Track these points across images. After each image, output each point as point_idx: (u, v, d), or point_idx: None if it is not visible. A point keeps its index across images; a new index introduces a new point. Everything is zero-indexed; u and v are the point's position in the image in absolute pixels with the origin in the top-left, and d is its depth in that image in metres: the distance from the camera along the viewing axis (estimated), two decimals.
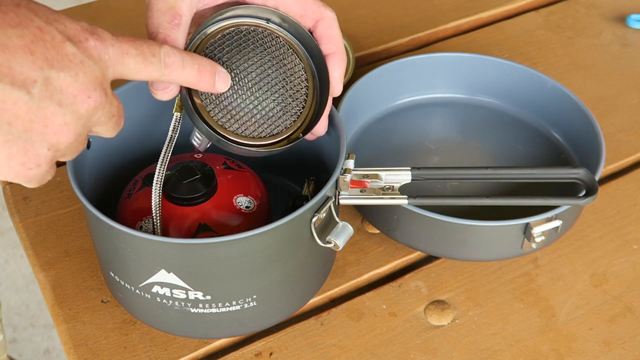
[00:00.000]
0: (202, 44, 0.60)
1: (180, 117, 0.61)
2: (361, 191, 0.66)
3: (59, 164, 0.84)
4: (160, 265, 0.59)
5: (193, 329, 0.65)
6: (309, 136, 0.64)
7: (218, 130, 0.60)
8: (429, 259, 0.76)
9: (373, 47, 1.01)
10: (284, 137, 0.62)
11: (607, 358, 0.68)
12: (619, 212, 0.81)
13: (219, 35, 0.60)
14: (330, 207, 0.62)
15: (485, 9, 1.08)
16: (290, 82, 0.62)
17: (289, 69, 0.62)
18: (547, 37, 1.04)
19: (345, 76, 0.92)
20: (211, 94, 0.59)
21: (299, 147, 0.74)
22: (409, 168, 0.67)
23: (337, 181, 0.63)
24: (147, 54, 0.50)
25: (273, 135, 0.62)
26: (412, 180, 0.67)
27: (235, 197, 0.65)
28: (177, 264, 0.59)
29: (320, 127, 0.64)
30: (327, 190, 0.61)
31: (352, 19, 1.05)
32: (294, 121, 0.63)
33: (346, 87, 0.88)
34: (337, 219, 0.63)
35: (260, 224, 0.59)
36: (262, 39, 0.62)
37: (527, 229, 0.69)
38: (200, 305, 0.62)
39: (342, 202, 0.65)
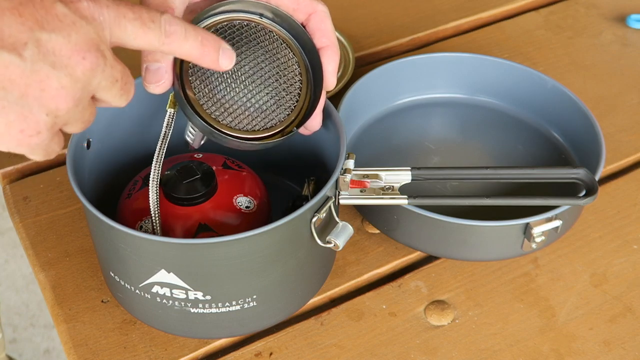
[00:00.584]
0: None
1: (173, 114, 0.61)
2: (361, 191, 0.66)
3: (60, 164, 0.85)
4: (160, 265, 0.59)
5: (193, 329, 0.65)
6: (304, 131, 0.64)
7: (212, 124, 0.60)
8: (429, 259, 0.76)
9: (373, 47, 1.01)
10: (278, 130, 0.62)
11: (607, 358, 0.68)
12: (619, 212, 0.81)
13: (212, 30, 0.60)
14: (330, 207, 0.62)
15: (485, 9, 1.08)
16: (284, 76, 0.62)
17: (282, 63, 0.62)
18: (547, 37, 1.04)
19: (345, 76, 0.93)
20: (204, 87, 0.59)
21: (299, 147, 0.74)
22: (409, 168, 0.67)
23: (337, 181, 0.63)
24: (146, 19, 0.49)
25: (267, 128, 0.62)
26: (412, 180, 0.67)
27: (235, 197, 0.65)
28: (177, 264, 0.59)
29: (315, 122, 0.64)
30: (327, 190, 0.61)
31: (352, 19, 1.05)
32: (288, 115, 0.62)
33: (346, 87, 0.89)
34: (337, 219, 0.63)
35: (260, 224, 0.59)
36: (255, 33, 0.62)
37: (527, 229, 0.69)
38: (200, 305, 0.62)
39: (342, 202, 0.65)
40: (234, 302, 0.62)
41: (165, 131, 0.61)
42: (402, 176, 0.67)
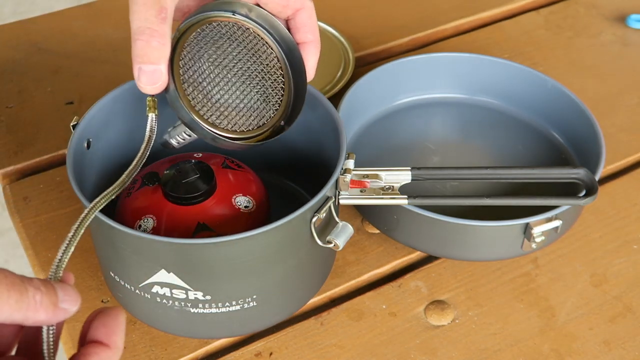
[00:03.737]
0: (180, 43, 0.60)
1: (155, 118, 0.61)
2: (361, 191, 0.66)
3: (60, 164, 0.85)
4: (160, 265, 0.59)
5: (193, 329, 0.65)
6: None
7: (213, 129, 0.60)
8: (429, 259, 0.76)
9: (373, 47, 1.01)
10: (269, 127, 0.63)
11: (607, 358, 0.68)
12: (619, 212, 0.81)
13: (194, 33, 0.60)
14: (330, 207, 0.62)
15: (485, 9, 1.08)
16: (267, 72, 0.62)
17: (264, 59, 0.62)
18: (547, 37, 1.04)
19: (345, 76, 0.93)
20: (198, 94, 0.59)
21: (299, 147, 0.74)
22: (409, 168, 0.67)
23: (337, 181, 0.63)
24: None
25: (260, 127, 0.62)
26: (412, 180, 0.67)
27: (234, 196, 0.65)
28: (177, 264, 0.59)
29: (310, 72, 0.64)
30: (327, 190, 0.61)
31: (352, 19, 1.05)
32: (277, 110, 0.63)
33: (346, 87, 0.89)
34: (337, 219, 0.63)
35: (259, 224, 0.59)
36: (235, 32, 0.62)
37: (527, 229, 0.69)
38: (200, 305, 0.62)
39: (342, 202, 0.65)
40: (234, 302, 0.62)
41: (150, 135, 0.61)
42: (402, 176, 0.67)
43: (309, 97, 0.70)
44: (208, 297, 0.61)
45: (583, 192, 0.67)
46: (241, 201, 0.65)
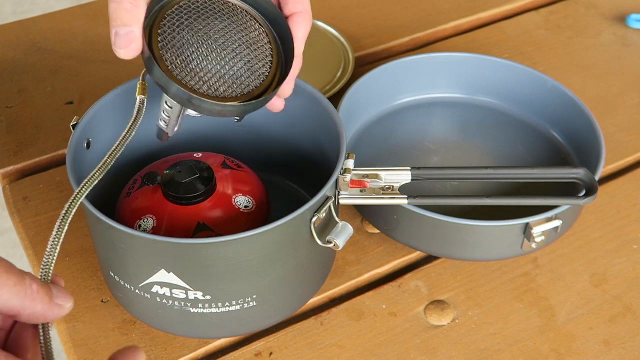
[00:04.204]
0: (162, 12, 0.59)
1: (143, 101, 0.60)
2: (361, 191, 0.66)
3: (60, 164, 0.85)
4: (160, 265, 0.59)
5: (193, 329, 0.65)
6: (278, 103, 0.63)
7: (188, 92, 0.58)
8: (429, 259, 0.76)
9: (373, 47, 1.01)
10: (255, 96, 0.61)
11: (607, 358, 0.68)
12: (619, 212, 0.81)
13: (176, 6, 0.59)
14: (330, 207, 0.62)
15: (485, 9, 1.08)
16: (254, 44, 0.61)
17: (251, 33, 0.61)
18: (547, 37, 1.04)
19: (345, 76, 0.93)
20: (177, 59, 0.58)
21: (299, 147, 0.74)
22: (409, 168, 0.67)
23: (337, 181, 0.63)
24: None
25: (245, 94, 0.60)
26: (412, 180, 0.67)
27: (234, 196, 0.65)
28: (177, 264, 0.59)
29: (287, 88, 0.63)
30: (327, 190, 0.61)
31: (352, 19, 1.05)
32: (263, 81, 0.61)
33: (346, 87, 0.89)
34: (337, 219, 0.63)
35: (259, 224, 0.59)
36: (220, 6, 0.61)
37: (527, 229, 0.69)
38: (200, 305, 0.62)
39: (342, 202, 0.65)
40: (234, 302, 0.62)
41: (136, 117, 0.60)
42: (402, 176, 0.67)
43: (309, 96, 0.70)
44: (208, 297, 0.61)
45: (583, 192, 0.67)
46: (241, 201, 0.65)
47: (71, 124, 0.65)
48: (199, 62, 0.58)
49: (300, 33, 0.62)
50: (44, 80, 0.95)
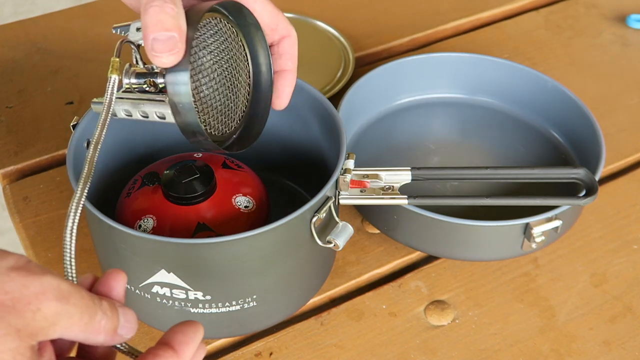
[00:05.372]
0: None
1: (116, 80, 0.56)
2: (361, 191, 0.66)
3: (60, 164, 0.85)
4: (160, 265, 0.59)
5: None
6: (282, 100, 0.63)
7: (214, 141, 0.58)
8: (429, 259, 0.76)
9: (373, 47, 1.01)
10: (232, 135, 0.61)
11: (607, 358, 0.68)
12: (619, 212, 0.81)
13: (204, 20, 0.57)
14: (330, 207, 0.62)
15: (485, 9, 1.08)
16: (240, 77, 0.61)
17: (240, 63, 0.61)
18: (547, 37, 1.04)
19: (345, 76, 0.93)
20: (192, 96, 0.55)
21: (299, 147, 0.74)
22: (409, 168, 0.67)
23: (337, 181, 0.63)
24: None
25: (231, 131, 0.61)
26: (412, 180, 0.67)
27: (234, 196, 0.65)
28: (177, 264, 0.59)
29: (281, 103, 0.63)
30: (327, 190, 0.61)
31: (352, 19, 1.05)
32: (240, 118, 0.62)
33: (346, 87, 0.89)
34: (337, 219, 0.63)
35: (259, 224, 0.59)
36: (230, 35, 0.60)
37: (527, 229, 0.69)
38: (200, 305, 0.62)
39: (342, 202, 0.65)
40: (234, 302, 0.62)
41: (110, 98, 0.56)
42: (402, 176, 0.67)
43: (310, 97, 0.70)
44: (208, 297, 0.61)
45: (583, 192, 0.67)
46: (241, 201, 0.65)
47: (71, 124, 0.65)
48: (210, 98, 0.57)
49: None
50: (44, 80, 0.95)
